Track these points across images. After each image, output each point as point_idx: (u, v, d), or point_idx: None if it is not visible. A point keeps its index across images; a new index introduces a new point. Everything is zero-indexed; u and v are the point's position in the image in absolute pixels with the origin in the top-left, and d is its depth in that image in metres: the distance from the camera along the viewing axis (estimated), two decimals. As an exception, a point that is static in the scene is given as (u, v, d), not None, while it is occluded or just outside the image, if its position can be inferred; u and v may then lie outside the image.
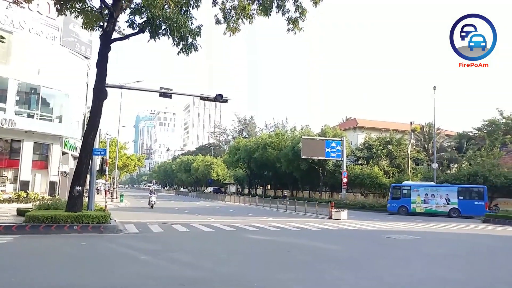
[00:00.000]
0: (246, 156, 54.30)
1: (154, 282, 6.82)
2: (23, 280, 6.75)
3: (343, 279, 7.55)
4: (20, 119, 23.81)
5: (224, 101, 18.38)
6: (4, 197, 22.72)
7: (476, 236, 16.62)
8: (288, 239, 13.97)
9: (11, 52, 23.84)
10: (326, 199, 40.66)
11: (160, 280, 6.97)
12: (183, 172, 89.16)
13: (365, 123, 53.15)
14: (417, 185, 30.55)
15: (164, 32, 14.18)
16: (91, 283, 6.74)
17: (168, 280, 7.06)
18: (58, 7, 13.64)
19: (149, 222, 17.58)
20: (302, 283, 7.14)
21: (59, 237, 11.97)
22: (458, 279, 7.91)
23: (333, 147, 39.31)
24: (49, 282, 6.76)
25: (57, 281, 6.88)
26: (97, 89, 14.69)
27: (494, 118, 42.49)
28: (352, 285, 7.17)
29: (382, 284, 7.35)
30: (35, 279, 6.86)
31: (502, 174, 29.32)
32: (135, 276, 7.28)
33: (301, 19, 14.60)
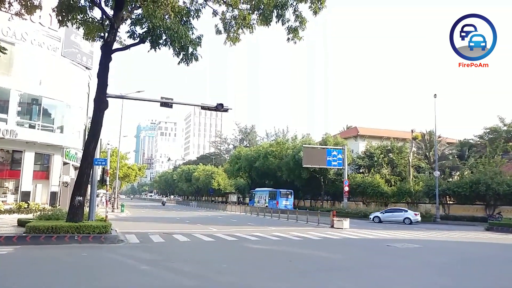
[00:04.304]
0: (247, 165, 54.25)
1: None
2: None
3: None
4: (21, 130, 23.88)
5: (225, 110, 18.42)
6: (5, 208, 22.68)
7: (477, 245, 16.46)
8: (289, 248, 13.87)
9: (13, 63, 24.04)
10: (327, 208, 40.49)
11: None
12: (184, 181, 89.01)
13: (366, 131, 53.15)
14: (256, 191, 50.38)
15: (165, 42, 14.29)
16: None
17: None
18: (60, 19, 13.80)
19: (150, 232, 17.49)
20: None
21: (60, 248, 11.90)
22: None
23: (334, 155, 39.26)
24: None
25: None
26: (98, 99, 14.75)
27: (496, 126, 42.49)
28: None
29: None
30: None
31: (504, 181, 29.18)
32: (135, 286, 7.22)
33: (301, 28, 14.71)
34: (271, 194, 45.93)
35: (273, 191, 45.65)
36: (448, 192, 32.86)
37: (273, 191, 45.65)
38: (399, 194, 37.85)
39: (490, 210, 30.41)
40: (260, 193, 49.12)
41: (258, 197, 48.95)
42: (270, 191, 46.40)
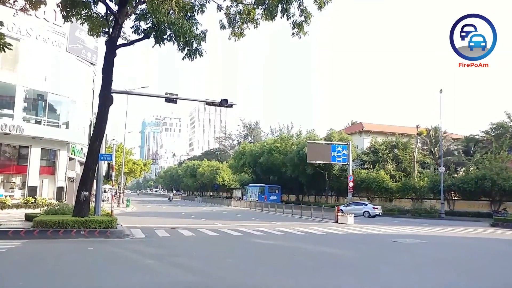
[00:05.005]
0: (251, 161, 54.30)
1: (158, 287, 6.81)
2: (30, 285, 6.79)
3: (349, 285, 7.47)
4: (27, 125, 24.07)
5: (229, 106, 18.42)
6: (13, 203, 22.94)
7: (482, 240, 16.39)
8: (294, 243, 13.90)
9: (18, 59, 24.17)
10: (332, 203, 40.46)
11: (165, 285, 6.97)
12: (189, 177, 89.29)
13: (371, 127, 52.92)
14: (249, 186, 54.90)
15: (169, 37, 14.28)
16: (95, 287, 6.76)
17: (172, 285, 7.05)
18: (64, 14, 13.83)
19: (155, 227, 17.60)
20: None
21: (66, 242, 12.03)
22: (466, 285, 7.80)
23: (339, 151, 39.10)
24: (56, 286, 6.79)
25: (63, 285, 6.90)
26: (103, 95, 14.80)
27: (502, 121, 42.07)
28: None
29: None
30: (42, 283, 6.90)
31: (510, 177, 28.97)
32: (140, 281, 7.28)
33: (306, 23, 14.65)
34: (260, 189, 50.43)
35: (262, 187, 50.44)
36: (453, 188, 32.70)
37: (262, 187, 50.44)
38: (403, 189, 37.70)
39: (495, 206, 30.21)
40: (252, 189, 53.54)
41: (251, 192, 53.41)
42: (260, 187, 50.98)
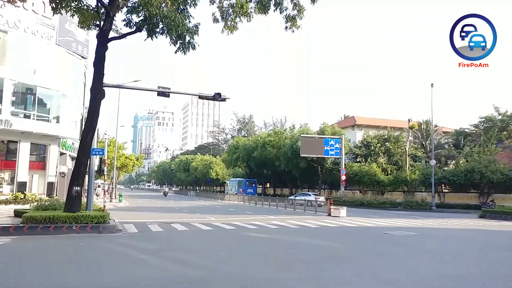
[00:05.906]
0: (245, 155, 54.29)
1: (153, 281, 6.80)
2: (21, 281, 6.72)
3: (342, 277, 7.53)
4: (16, 120, 23.70)
5: (223, 100, 18.35)
6: (1, 199, 22.63)
7: (471, 232, 16.65)
8: (287, 237, 13.97)
9: (6, 52, 23.73)
10: (325, 196, 40.72)
11: (159, 279, 6.95)
12: (182, 171, 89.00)
13: (363, 120, 53.26)
14: (230, 181, 60.58)
15: (162, 30, 14.09)
16: (89, 283, 6.71)
17: (167, 279, 7.03)
18: (54, 6, 13.56)
19: (148, 221, 17.54)
20: (301, 281, 7.12)
21: (57, 238, 11.92)
22: (456, 275, 7.92)
23: (332, 145, 39.32)
24: (48, 283, 6.74)
25: (55, 281, 6.84)
26: (94, 88, 14.61)
27: (491, 115, 42.63)
28: (351, 283, 7.16)
29: (381, 281, 7.35)
30: (32, 280, 6.83)
31: (498, 170, 29.46)
32: (134, 275, 7.26)
33: (299, 17, 14.59)
34: (239, 183, 55.38)
35: (241, 181, 55.72)
36: (444, 181, 33.12)
37: (241, 181, 55.72)
38: (395, 182, 38.09)
39: (484, 198, 30.74)
40: (232, 183, 58.70)
41: (231, 186, 58.18)
42: (239, 181, 56.24)
